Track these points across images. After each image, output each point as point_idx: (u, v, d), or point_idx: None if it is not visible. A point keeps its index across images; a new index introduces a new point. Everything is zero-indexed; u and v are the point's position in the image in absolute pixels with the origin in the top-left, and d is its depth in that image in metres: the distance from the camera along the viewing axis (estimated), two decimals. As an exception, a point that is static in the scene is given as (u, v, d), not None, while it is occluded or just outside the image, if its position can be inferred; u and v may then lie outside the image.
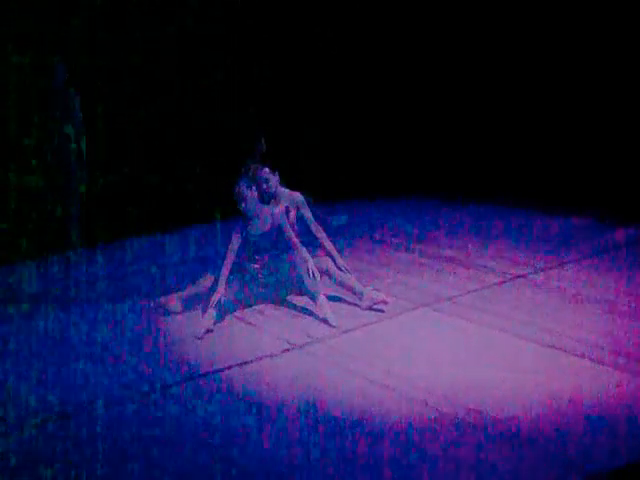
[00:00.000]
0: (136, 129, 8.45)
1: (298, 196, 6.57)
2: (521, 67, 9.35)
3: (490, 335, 5.68)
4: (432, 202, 9.34)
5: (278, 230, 6.23)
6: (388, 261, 7.45)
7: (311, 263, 6.15)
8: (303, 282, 6.13)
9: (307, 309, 6.23)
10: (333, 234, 7.13)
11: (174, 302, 6.27)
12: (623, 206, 8.22)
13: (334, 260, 6.39)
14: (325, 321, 5.95)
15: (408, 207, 9.24)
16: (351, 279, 6.29)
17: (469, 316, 6.01)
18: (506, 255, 7.43)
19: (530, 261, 7.25)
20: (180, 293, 6.35)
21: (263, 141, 6.65)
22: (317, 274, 6.13)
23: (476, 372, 5.05)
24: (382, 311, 6.10)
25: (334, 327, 5.88)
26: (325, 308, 6.02)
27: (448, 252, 7.61)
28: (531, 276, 6.88)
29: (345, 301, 6.27)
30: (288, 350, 5.52)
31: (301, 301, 6.36)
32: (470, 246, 7.71)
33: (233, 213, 6.36)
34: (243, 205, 6.15)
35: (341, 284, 6.29)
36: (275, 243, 6.27)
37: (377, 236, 8.30)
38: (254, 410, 4.68)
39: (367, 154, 9.93)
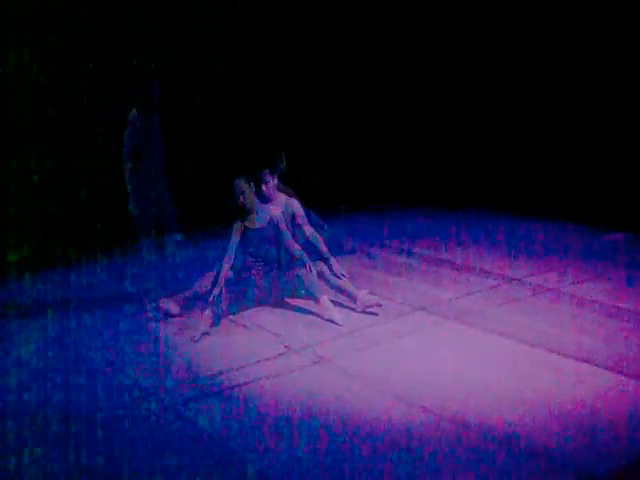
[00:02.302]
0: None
1: (295, 202, 6.63)
2: (519, 75, 9.40)
3: (488, 338, 5.70)
4: (431, 209, 9.40)
5: (275, 229, 6.31)
6: (386, 265, 7.50)
7: (309, 262, 6.24)
8: (303, 282, 6.20)
9: (303, 312, 6.29)
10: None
11: (173, 305, 6.31)
12: (619, 212, 8.25)
13: (330, 264, 6.44)
14: (331, 321, 6.04)
15: (409, 214, 9.30)
16: (346, 283, 6.35)
17: (466, 320, 6.04)
18: (504, 259, 7.50)
19: (528, 265, 7.31)
20: (179, 295, 6.39)
21: (284, 158, 6.68)
22: (315, 271, 6.22)
23: (474, 376, 5.06)
24: (376, 314, 6.16)
25: (340, 326, 5.97)
26: (330, 308, 6.10)
27: (446, 257, 7.66)
28: (528, 279, 6.92)
29: (340, 304, 6.31)
30: (284, 354, 5.54)
31: (297, 303, 6.43)
32: (469, 251, 7.77)
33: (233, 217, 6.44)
34: (241, 199, 6.24)
35: (336, 288, 6.35)
36: (271, 241, 6.33)
37: (376, 241, 8.34)
38: (250, 414, 4.69)
39: (367, 163, 9.98)
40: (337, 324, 6.00)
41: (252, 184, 6.32)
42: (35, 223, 7.82)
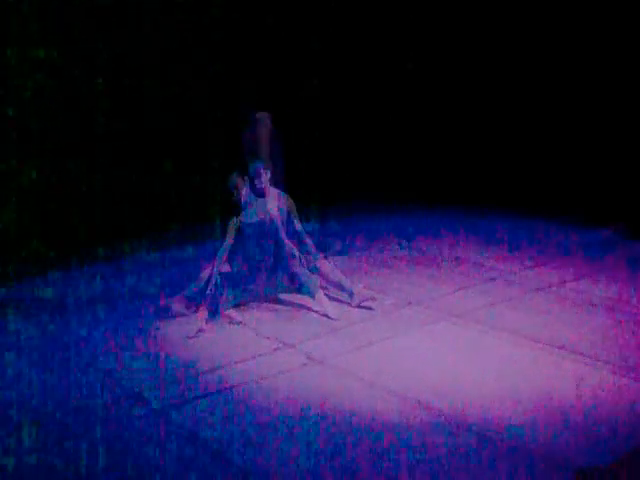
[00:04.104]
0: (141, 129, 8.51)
1: (289, 199, 6.64)
2: (515, 78, 9.42)
3: (484, 335, 5.69)
4: (429, 206, 9.41)
5: (271, 224, 6.32)
6: (382, 261, 7.51)
7: (304, 258, 6.27)
8: (299, 278, 6.22)
9: (299, 307, 6.31)
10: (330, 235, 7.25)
11: (176, 303, 6.30)
12: (614, 207, 8.25)
13: (328, 259, 6.46)
14: (326, 316, 6.06)
15: (406, 211, 9.31)
16: (341, 278, 6.37)
17: (463, 316, 6.04)
18: (502, 256, 7.51)
19: (525, 262, 7.31)
20: (182, 294, 6.35)
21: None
22: (309, 267, 6.24)
23: (471, 373, 5.05)
24: (371, 309, 6.17)
25: (335, 321, 5.99)
26: (324, 303, 6.12)
27: (444, 253, 7.68)
28: (525, 276, 6.92)
29: (335, 299, 6.33)
30: (279, 349, 5.55)
31: (293, 299, 6.43)
32: (467, 248, 7.78)
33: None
34: (236, 194, 6.27)
35: (332, 283, 6.37)
36: (267, 236, 6.33)
37: (373, 237, 8.35)
38: (245, 412, 4.68)
39: (367, 162, 9.99)
40: (332, 319, 6.02)
41: (246, 179, 6.33)
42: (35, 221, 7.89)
